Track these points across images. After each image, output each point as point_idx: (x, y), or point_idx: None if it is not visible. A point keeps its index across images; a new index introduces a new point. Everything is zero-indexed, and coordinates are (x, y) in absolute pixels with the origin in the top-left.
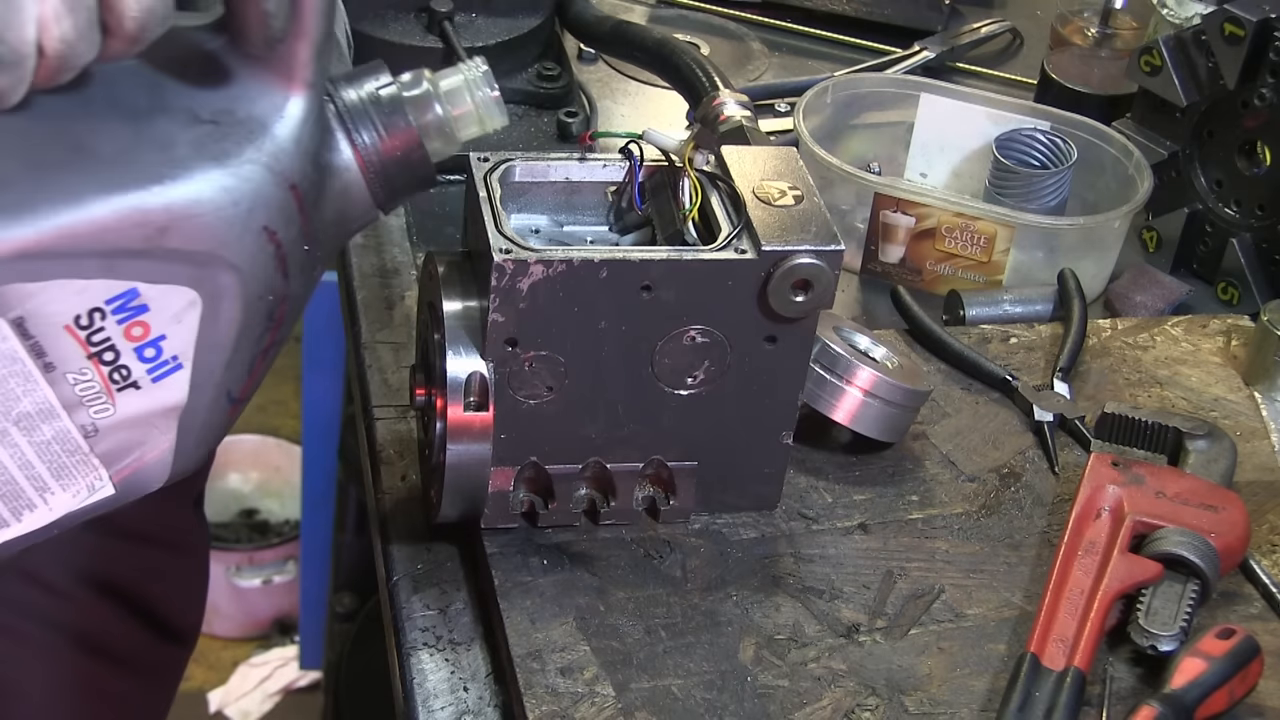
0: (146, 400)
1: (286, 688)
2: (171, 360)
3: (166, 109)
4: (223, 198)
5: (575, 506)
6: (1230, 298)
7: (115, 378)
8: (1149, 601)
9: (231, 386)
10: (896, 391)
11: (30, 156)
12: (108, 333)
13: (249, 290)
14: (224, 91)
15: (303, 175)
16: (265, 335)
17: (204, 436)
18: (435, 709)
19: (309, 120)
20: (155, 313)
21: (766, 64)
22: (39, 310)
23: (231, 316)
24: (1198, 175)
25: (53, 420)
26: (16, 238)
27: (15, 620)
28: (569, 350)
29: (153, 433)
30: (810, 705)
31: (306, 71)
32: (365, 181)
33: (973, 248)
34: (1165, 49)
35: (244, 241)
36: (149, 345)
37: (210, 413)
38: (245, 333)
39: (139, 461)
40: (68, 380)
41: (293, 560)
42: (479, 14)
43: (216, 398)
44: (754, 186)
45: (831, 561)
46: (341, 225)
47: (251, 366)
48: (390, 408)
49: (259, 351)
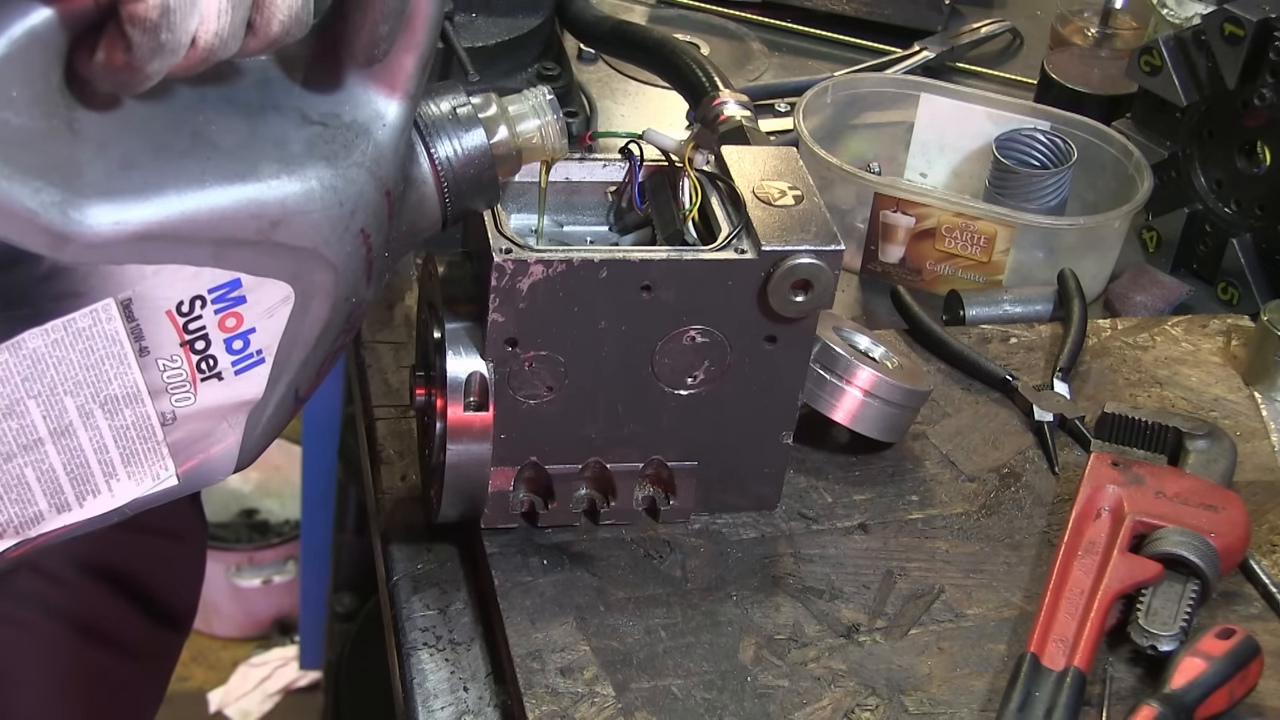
0: (226, 392)
1: (286, 688)
2: (256, 354)
3: (279, 107)
4: (330, 197)
5: (575, 506)
6: (1230, 298)
7: (202, 367)
8: (1149, 601)
9: (300, 385)
10: (896, 391)
11: (155, 140)
12: (204, 321)
13: (339, 290)
14: (332, 95)
15: (395, 182)
16: (340, 337)
17: (266, 433)
18: (435, 709)
19: (406, 130)
20: (251, 305)
21: (766, 64)
22: (148, 294)
23: (319, 315)
24: (1198, 175)
25: (136, 405)
26: (141, 218)
27: (14, 608)
28: (569, 350)
29: (223, 426)
30: (810, 705)
31: (410, 83)
32: (439, 195)
33: (973, 248)
34: (1165, 49)
35: (343, 242)
36: (238, 337)
37: (277, 410)
38: (326, 332)
39: (205, 454)
40: (158, 366)
41: (293, 560)
42: (479, 14)
43: (286, 395)
44: (754, 186)
45: (831, 561)
46: (411, 237)
47: (320, 367)
48: (390, 408)
49: (331, 352)
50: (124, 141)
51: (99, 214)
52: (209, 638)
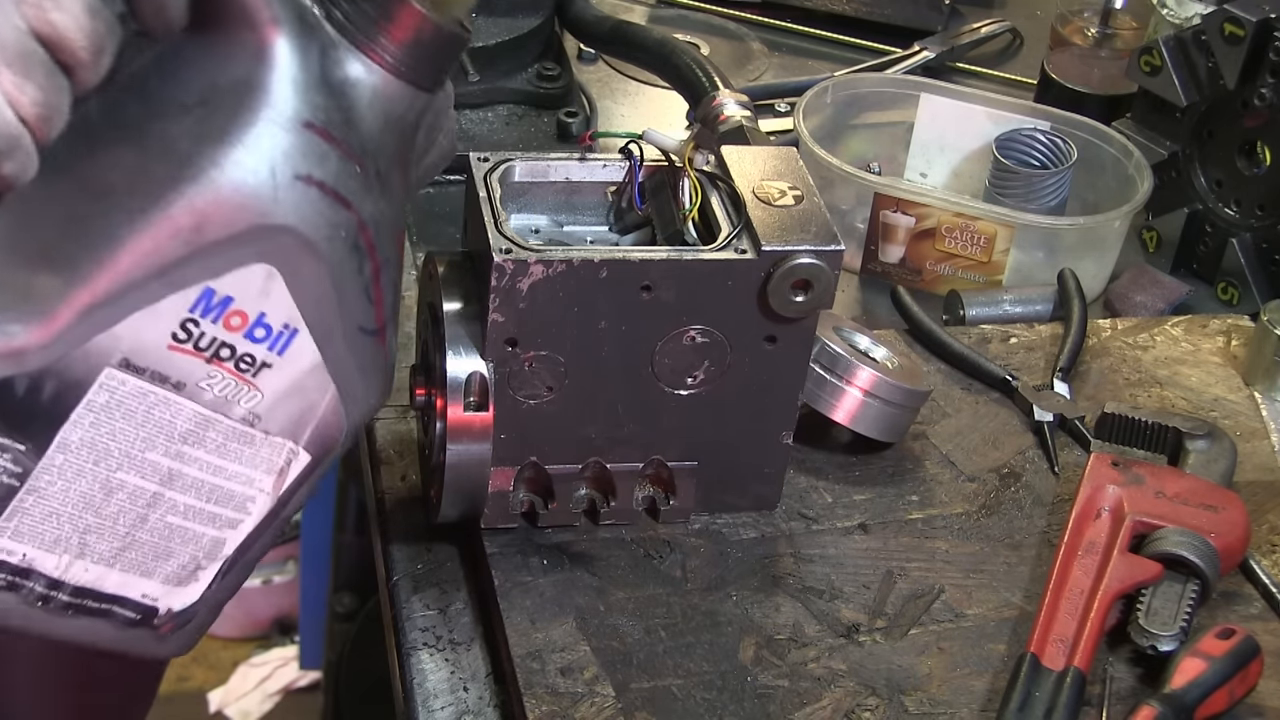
0: (285, 372)
1: (286, 688)
2: (284, 329)
3: (160, 112)
4: (237, 173)
5: (575, 506)
6: (1230, 298)
7: (242, 366)
8: (1149, 601)
9: (360, 321)
10: (896, 391)
11: (62, 215)
12: (210, 333)
13: (314, 238)
14: (201, 68)
15: (315, 108)
16: (365, 264)
17: (365, 372)
18: (435, 709)
19: (294, 55)
20: (241, 299)
21: (766, 64)
22: (136, 346)
23: (313, 269)
24: (1198, 175)
25: (215, 426)
26: (77, 300)
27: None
28: (569, 350)
29: (311, 394)
30: (810, 705)
31: (265, 12)
32: (394, 76)
33: (973, 248)
34: (1165, 49)
35: (281, 199)
36: (256, 326)
37: (353, 352)
38: (339, 273)
39: (315, 420)
40: (202, 388)
41: (293, 560)
42: (479, 14)
43: (350, 337)
44: (754, 186)
45: (831, 561)
46: (396, 125)
47: (370, 296)
48: (390, 408)
49: (367, 281)
50: (31, 232)
51: (36, 317)
52: (209, 638)
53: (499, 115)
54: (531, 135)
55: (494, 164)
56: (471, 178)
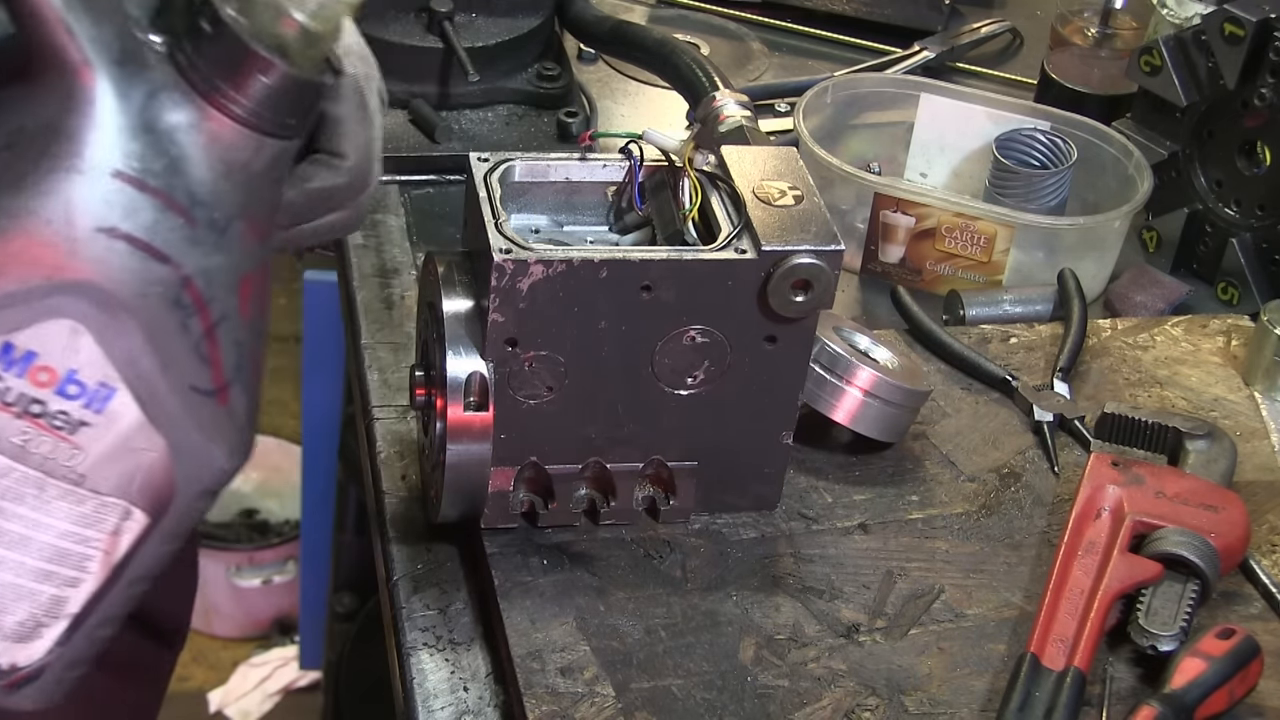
0: (107, 431)
1: (286, 688)
2: (101, 387)
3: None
4: (31, 223)
5: (575, 506)
6: (1230, 298)
7: (58, 424)
8: (1149, 601)
9: (192, 380)
10: (896, 391)
11: None
12: (17, 389)
13: (122, 294)
14: (15, 111)
15: (128, 155)
16: (191, 321)
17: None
18: (435, 709)
19: (111, 98)
20: (45, 354)
21: (766, 64)
22: None
23: (123, 326)
24: (1198, 175)
25: (35, 483)
26: None
27: None
28: (569, 350)
29: (141, 455)
30: (810, 705)
31: (76, 54)
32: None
33: (973, 248)
34: (1165, 49)
35: (80, 253)
36: (67, 383)
37: (188, 412)
38: (156, 330)
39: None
40: (17, 445)
41: (293, 560)
42: (479, 14)
43: (183, 396)
44: (754, 186)
45: (831, 561)
46: (239, 173)
47: (202, 354)
48: (390, 408)
49: (197, 338)
50: None
51: None
52: (209, 638)
53: (499, 115)
54: (531, 135)
55: (494, 164)
56: (471, 178)
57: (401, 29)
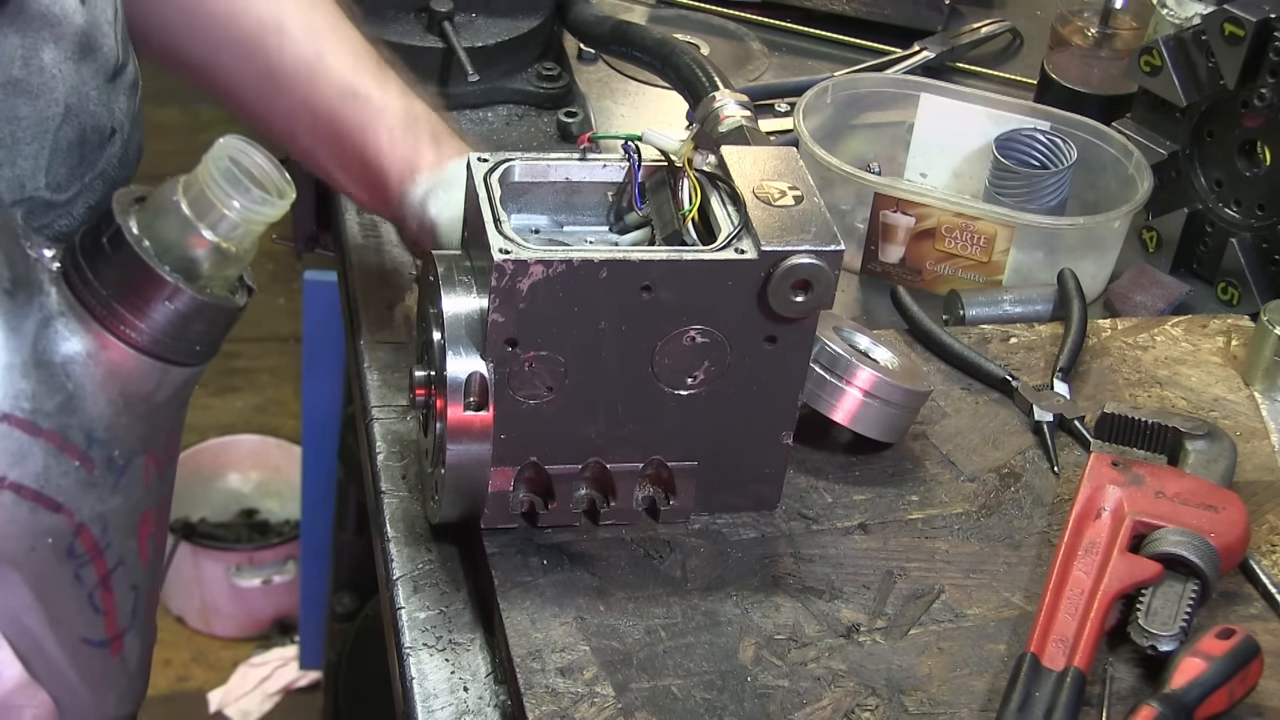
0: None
1: (286, 688)
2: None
3: None
4: None
5: (575, 506)
6: (1230, 298)
7: None
8: (1149, 601)
9: (83, 633)
10: (896, 391)
11: None
12: None
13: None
14: None
15: (16, 396)
16: (85, 571)
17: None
18: (435, 709)
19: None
20: None
21: (766, 64)
22: None
23: (10, 580)
24: (1198, 175)
25: None
26: None
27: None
28: (569, 350)
29: (21, 712)
30: (810, 705)
31: None
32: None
33: (973, 248)
34: (1165, 49)
35: None
36: None
37: (75, 665)
38: (45, 584)
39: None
40: None
41: (293, 560)
42: (479, 14)
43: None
44: (754, 186)
45: (831, 561)
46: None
47: (96, 604)
48: (390, 408)
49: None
50: None
51: None
52: (209, 638)
53: (499, 115)
54: (531, 135)
55: (494, 164)
56: (471, 178)
57: (401, 29)
